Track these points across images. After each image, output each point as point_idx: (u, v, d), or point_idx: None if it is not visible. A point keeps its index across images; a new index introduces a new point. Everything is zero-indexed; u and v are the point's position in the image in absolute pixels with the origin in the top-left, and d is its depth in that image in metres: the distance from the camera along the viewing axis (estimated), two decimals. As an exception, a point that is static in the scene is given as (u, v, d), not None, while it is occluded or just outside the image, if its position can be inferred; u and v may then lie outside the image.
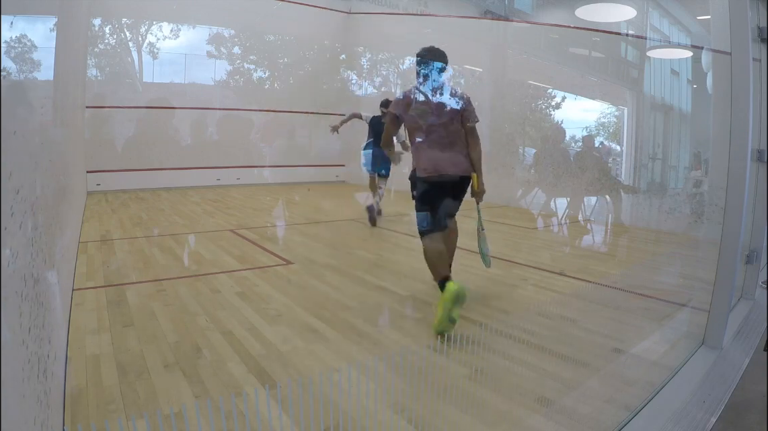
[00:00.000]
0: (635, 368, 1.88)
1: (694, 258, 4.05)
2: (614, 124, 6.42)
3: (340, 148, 10.25)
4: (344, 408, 1.47)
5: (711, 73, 2.68)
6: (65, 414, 1.40)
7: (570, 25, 6.81)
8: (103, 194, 6.94)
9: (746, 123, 1.76)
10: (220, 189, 8.11)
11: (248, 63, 9.29)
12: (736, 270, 1.87)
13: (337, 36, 10.05)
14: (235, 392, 1.56)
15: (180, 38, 8.35)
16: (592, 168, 5.93)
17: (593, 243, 4.80)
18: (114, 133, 7.74)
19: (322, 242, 4.04)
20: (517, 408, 1.51)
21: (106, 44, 7.78)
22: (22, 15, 1.11)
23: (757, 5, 2.35)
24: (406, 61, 9.73)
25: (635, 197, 5.63)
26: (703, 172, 5.18)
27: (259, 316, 2.26)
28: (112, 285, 2.69)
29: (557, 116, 6.96)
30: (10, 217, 0.78)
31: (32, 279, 0.98)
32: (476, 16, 7.83)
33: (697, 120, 5.56)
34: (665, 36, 6.24)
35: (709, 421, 1.44)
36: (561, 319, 2.36)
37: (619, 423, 1.40)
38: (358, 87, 10.50)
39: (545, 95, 7.15)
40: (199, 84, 8.77)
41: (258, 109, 9.17)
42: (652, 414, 1.46)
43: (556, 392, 1.61)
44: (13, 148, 0.86)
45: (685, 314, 2.52)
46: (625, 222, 5.53)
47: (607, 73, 6.68)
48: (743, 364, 1.84)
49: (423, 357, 1.88)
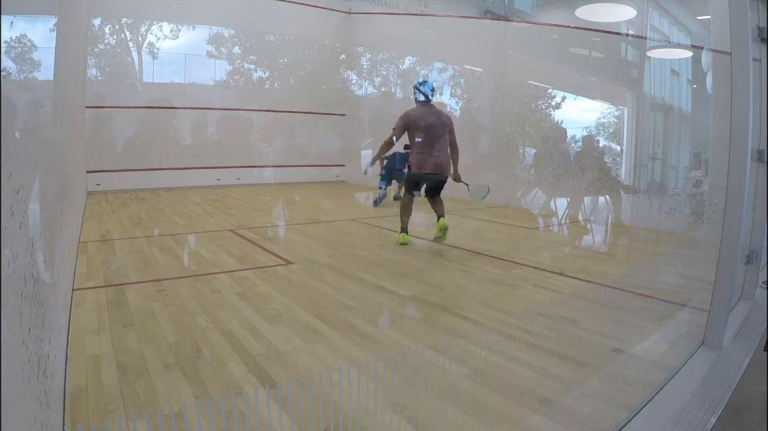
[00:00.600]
0: (635, 368, 1.88)
1: (694, 258, 4.05)
2: (614, 124, 6.42)
3: (340, 148, 10.27)
4: (344, 408, 1.47)
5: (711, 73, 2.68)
6: (65, 414, 1.40)
7: (570, 25, 6.81)
8: (103, 194, 6.94)
9: (746, 123, 1.76)
10: (220, 189, 8.11)
11: (248, 63, 9.29)
12: (736, 270, 1.87)
13: (337, 36, 10.05)
14: (235, 392, 1.56)
15: (180, 38, 8.35)
16: (592, 168, 5.93)
17: (593, 243, 4.80)
18: (114, 133, 7.74)
19: (322, 242, 4.04)
20: (517, 408, 1.51)
21: (106, 44, 7.78)
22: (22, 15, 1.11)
23: (757, 5, 2.35)
24: (406, 61, 9.74)
25: (635, 197, 5.63)
26: (703, 172, 5.18)
27: (259, 316, 2.26)
28: (112, 285, 2.69)
29: (557, 116, 6.96)
30: (10, 217, 0.78)
31: (32, 279, 0.98)
32: (476, 16, 7.83)
33: (697, 120, 5.56)
34: (665, 36, 6.24)
35: (709, 421, 1.44)
36: (561, 319, 2.37)
37: (619, 423, 1.40)
38: (358, 87, 10.51)
39: (545, 95, 7.15)
40: (199, 84, 8.77)
41: (258, 109, 9.17)
42: (652, 414, 1.46)
43: (556, 392, 1.61)
44: (13, 148, 0.86)
45: (685, 314, 2.52)
46: (625, 222, 5.53)
47: (607, 73, 6.68)
48: (743, 364, 1.84)
49: (423, 357, 1.88)
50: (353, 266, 3.24)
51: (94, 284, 2.71)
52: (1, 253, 0.68)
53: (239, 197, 7.30)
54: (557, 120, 6.95)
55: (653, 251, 4.42)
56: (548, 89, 7.13)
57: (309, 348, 1.92)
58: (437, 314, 2.34)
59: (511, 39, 7.59)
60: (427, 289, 2.76)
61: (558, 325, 2.29)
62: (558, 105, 7.01)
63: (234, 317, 2.24)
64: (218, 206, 6.32)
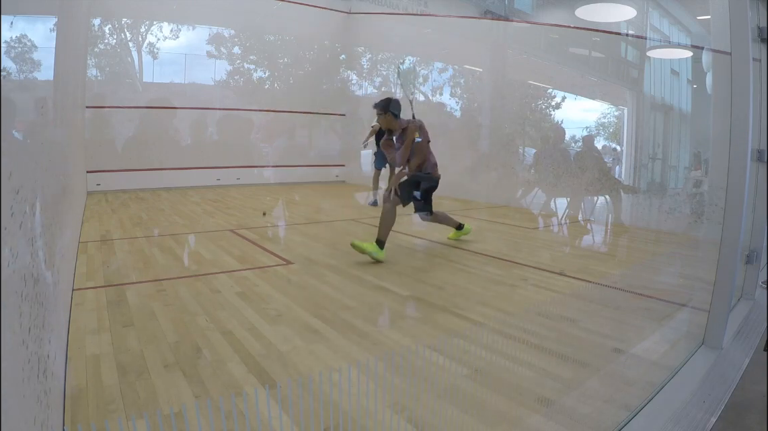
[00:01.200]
0: (635, 368, 1.88)
1: (694, 258, 4.05)
2: (614, 124, 6.42)
3: (340, 148, 10.27)
4: (344, 408, 1.48)
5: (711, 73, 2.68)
6: (65, 414, 1.40)
7: (570, 25, 6.81)
8: (103, 194, 6.94)
9: (746, 123, 1.76)
10: (220, 189, 8.12)
11: (248, 63, 9.29)
12: (736, 270, 1.87)
13: (337, 36, 10.06)
14: (235, 392, 1.56)
15: (180, 38, 8.36)
16: (592, 168, 5.93)
17: (593, 243, 4.80)
18: (114, 133, 7.75)
19: (322, 242, 4.04)
20: (517, 408, 1.51)
21: (106, 44, 7.78)
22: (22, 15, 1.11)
23: (757, 5, 2.35)
24: (406, 61, 9.74)
25: (635, 197, 5.63)
26: (703, 172, 5.18)
27: (259, 316, 2.26)
28: (112, 285, 2.69)
29: (557, 116, 6.96)
30: (10, 217, 0.78)
31: (32, 279, 0.98)
32: (476, 16, 7.83)
33: (697, 120, 5.56)
34: (665, 36, 6.24)
35: (709, 421, 1.44)
36: (561, 319, 2.37)
37: (619, 423, 1.40)
38: (358, 87, 10.51)
39: (545, 95, 7.15)
40: (199, 84, 8.77)
41: (258, 109, 9.17)
42: (652, 414, 1.46)
43: (556, 392, 1.61)
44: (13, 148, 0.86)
45: (685, 314, 2.52)
46: (625, 222, 5.53)
47: (607, 73, 6.68)
48: (743, 364, 1.84)
49: (423, 357, 1.88)
50: (353, 266, 3.24)
51: (94, 284, 2.71)
52: (1, 253, 0.68)
53: (239, 197, 7.30)
54: (557, 120, 6.95)
55: (653, 251, 4.42)
56: (548, 89, 7.13)
57: (309, 348, 1.92)
58: (437, 314, 2.34)
59: (511, 39, 7.59)
60: (427, 289, 2.76)
61: (558, 325, 2.29)
62: (558, 105, 7.01)
63: (234, 317, 2.24)
64: (218, 206, 6.32)
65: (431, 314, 2.35)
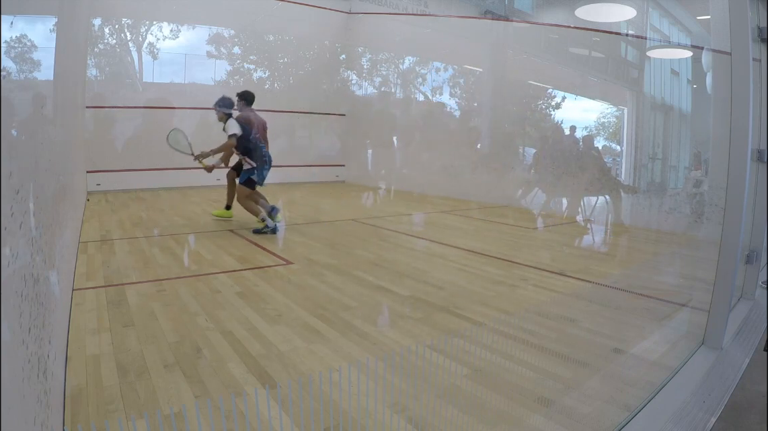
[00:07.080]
0: (635, 368, 1.88)
1: (694, 258, 4.05)
2: (614, 124, 6.42)
3: (340, 148, 10.27)
4: (344, 408, 1.47)
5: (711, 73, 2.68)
6: (65, 414, 1.40)
7: (570, 25, 6.81)
8: (103, 194, 6.94)
9: (746, 123, 1.76)
10: (221, 189, 8.10)
11: (248, 63, 9.29)
12: (736, 270, 1.87)
13: (337, 36, 10.05)
14: (235, 392, 1.56)
15: (180, 38, 8.36)
16: (591, 168, 5.93)
17: (593, 243, 4.80)
18: (114, 133, 7.74)
19: (322, 242, 4.04)
20: (517, 408, 1.51)
21: (106, 44, 7.78)
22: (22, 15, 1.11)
23: (757, 5, 2.35)
24: (406, 61, 9.74)
25: (635, 197, 5.63)
26: (703, 172, 5.18)
27: (259, 316, 2.26)
28: (112, 285, 2.69)
29: (557, 116, 6.96)
30: (10, 217, 0.78)
31: (32, 279, 0.98)
32: (476, 16, 7.83)
33: (697, 120, 5.56)
34: (665, 36, 6.24)
35: (709, 421, 1.44)
36: (561, 319, 2.37)
37: (619, 423, 1.40)
38: (358, 87, 10.51)
39: (545, 95, 7.16)
40: (199, 84, 8.76)
41: (258, 109, 9.15)
42: (652, 414, 1.46)
43: (556, 392, 1.61)
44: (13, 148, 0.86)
45: (685, 314, 2.52)
46: (625, 222, 5.53)
47: (607, 73, 6.68)
48: (743, 364, 1.84)
49: (423, 357, 1.88)
50: (353, 266, 3.24)
51: (94, 284, 2.71)
52: (1, 253, 0.68)
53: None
54: (557, 120, 6.95)
55: (653, 251, 4.42)
56: (548, 89, 7.13)
57: (309, 348, 1.92)
58: (437, 314, 2.34)
59: (511, 39, 7.60)
60: (427, 289, 2.76)
61: (558, 325, 2.29)
62: (558, 105, 7.01)
63: (234, 317, 2.24)
64: (218, 206, 6.31)
65: (431, 314, 2.35)
